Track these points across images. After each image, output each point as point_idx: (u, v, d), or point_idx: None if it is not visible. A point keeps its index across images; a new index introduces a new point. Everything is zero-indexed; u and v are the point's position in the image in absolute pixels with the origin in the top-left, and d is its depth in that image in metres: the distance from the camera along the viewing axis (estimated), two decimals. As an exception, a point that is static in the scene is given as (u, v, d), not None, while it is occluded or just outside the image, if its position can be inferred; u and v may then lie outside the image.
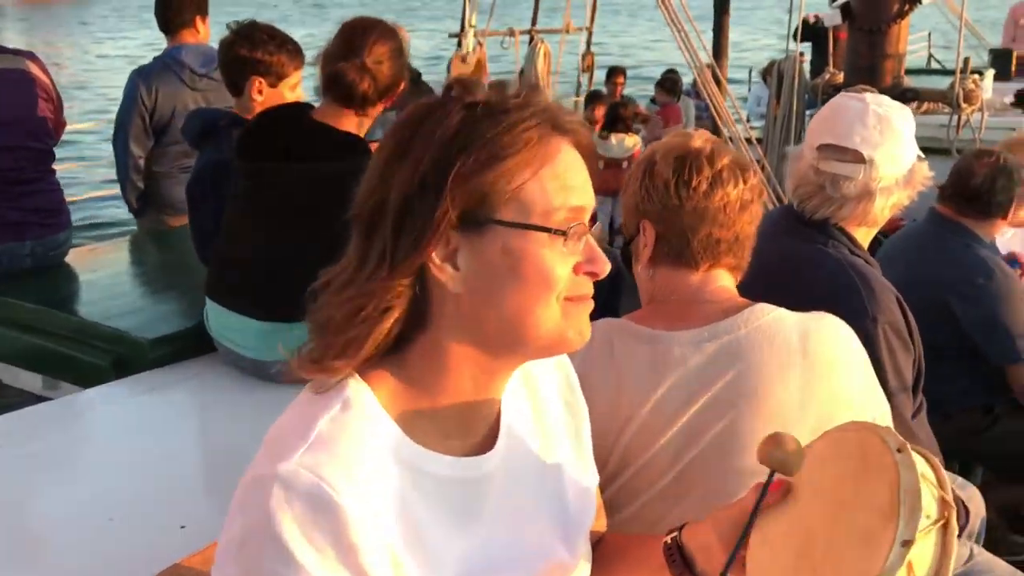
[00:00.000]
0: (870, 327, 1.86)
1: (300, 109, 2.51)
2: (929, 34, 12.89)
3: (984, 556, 2.15)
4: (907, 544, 0.90)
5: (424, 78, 5.98)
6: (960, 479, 2.58)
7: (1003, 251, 3.35)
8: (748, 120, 9.79)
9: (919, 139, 6.35)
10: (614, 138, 7.40)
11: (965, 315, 2.82)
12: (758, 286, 1.95)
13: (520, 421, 1.10)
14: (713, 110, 5.48)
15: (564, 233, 0.94)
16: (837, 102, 2.04)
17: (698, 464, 1.47)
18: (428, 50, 16.28)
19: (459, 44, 7.18)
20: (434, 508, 0.97)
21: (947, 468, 2.86)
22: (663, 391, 1.48)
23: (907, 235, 3.14)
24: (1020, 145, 3.43)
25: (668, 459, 1.49)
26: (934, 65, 13.83)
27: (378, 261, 0.94)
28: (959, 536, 2.14)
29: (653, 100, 8.68)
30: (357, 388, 0.96)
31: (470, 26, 7.14)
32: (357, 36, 2.37)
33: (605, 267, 0.98)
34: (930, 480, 0.97)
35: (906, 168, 1.97)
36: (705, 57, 5.46)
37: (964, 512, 2.16)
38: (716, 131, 5.69)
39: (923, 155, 2.02)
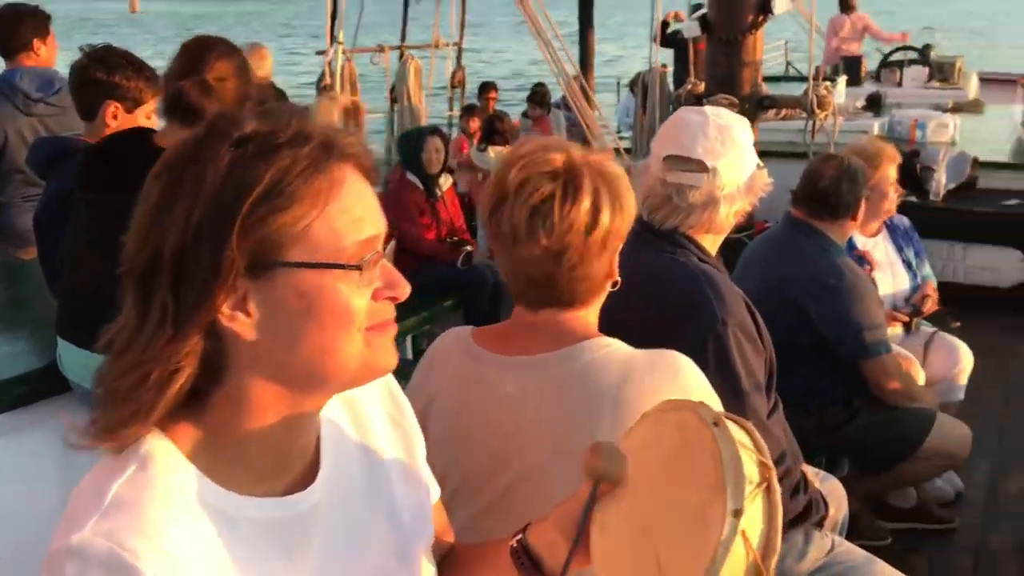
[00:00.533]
0: (721, 330, 1.91)
1: (142, 134, 2.42)
2: (786, 43, 13.50)
3: (845, 546, 2.23)
4: (738, 514, 0.92)
5: (298, 99, 5.88)
6: (823, 473, 2.69)
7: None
8: (619, 130, 10.07)
9: (778, 144, 6.61)
10: (492, 151, 7.44)
11: (818, 314, 2.93)
12: (618, 299, 1.99)
13: (343, 447, 1.07)
14: (582, 122, 5.57)
15: (359, 267, 0.91)
16: (679, 116, 2.10)
17: (517, 487, 1.46)
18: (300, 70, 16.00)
19: (327, 62, 7.08)
20: (255, 552, 0.93)
21: (813, 462, 2.99)
22: (471, 411, 1.49)
23: (766, 238, 3.26)
24: (864, 151, 3.61)
25: (482, 479, 1.48)
26: (792, 72, 14.50)
27: (159, 321, 0.87)
28: (820, 528, 2.24)
29: (525, 114, 8.77)
30: (157, 443, 0.91)
31: (337, 43, 7.05)
32: (198, 54, 2.31)
33: (405, 290, 0.95)
34: (748, 447, 0.99)
35: (747, 176, 2.03)
36: (572, 70, 5.54)
37: (824, 505, 2.24)
38: (586, 142, 5.81)
39: (762, 163, 2.09)
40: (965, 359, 3.78)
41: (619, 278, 1.56)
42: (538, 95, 8.63)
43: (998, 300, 6.16)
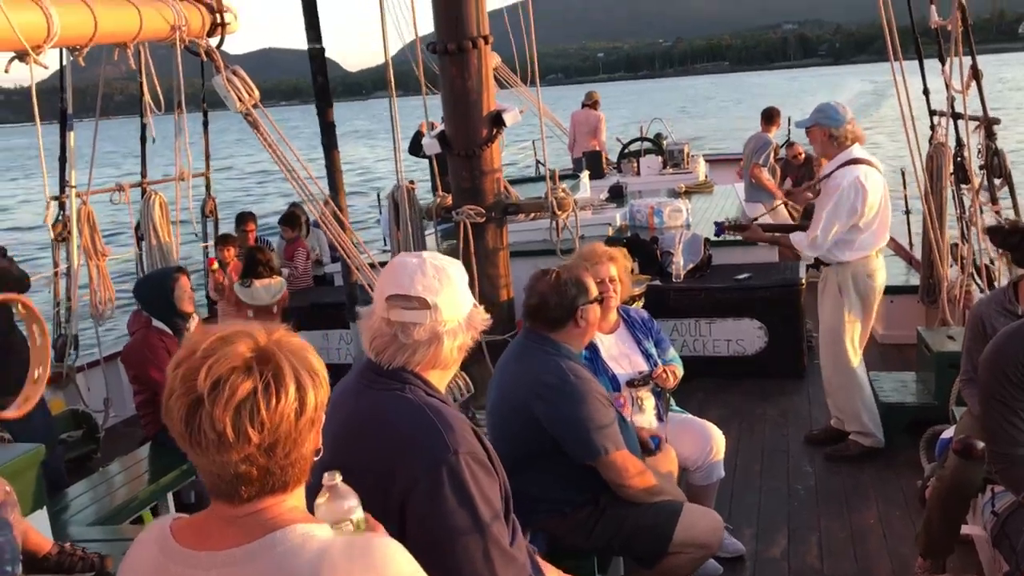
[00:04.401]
0: (453, 460, 1.94)
1: None
2: (533, 142, 14.28)
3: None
4: None
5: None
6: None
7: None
8: (385, 241, 10.14)
9: (531, 243, 6.86)
10: (259, 284, 7.26)
11: (545, 417, 3.01)
12: (344, 443, 1.97)
13: None
14: (336, 245, 5.55)
15: None
16: (397, 260, 2.16)
17: None
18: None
19: (61, 206, 6.68)
20: None
21: (584, 567, 3.03)
22: None
23: (509, 348, 3.35)
24: (588, 255, 3.84)
25: None
26: (542, 171, 15.27)
27: None
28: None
29: (283, 236, 8.66)
30: None
31: (71, 187, 6.69)
32: None
33: None
34: None
35: (466, 312, 2.13)
36: (320, 193, 5.54)
37: None
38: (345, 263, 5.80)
39: (478, 303, 2.18)
40: (716, 439, 4.00)
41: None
42: (292, 217, 8.56)
43: (746, 367, 6.67)
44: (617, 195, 10.03)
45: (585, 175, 11.14)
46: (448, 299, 2.07)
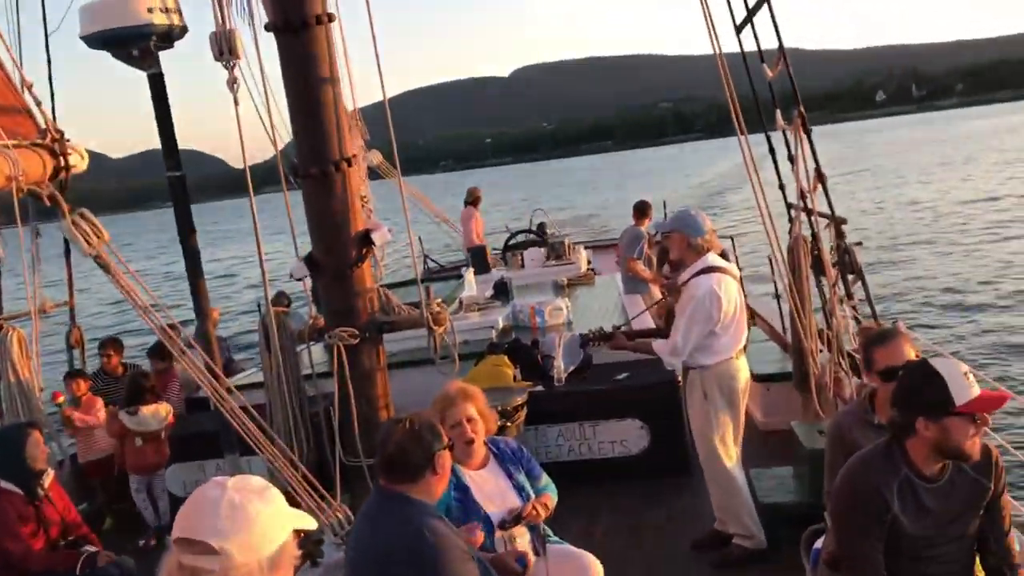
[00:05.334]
0: None
1: None
2: (420, 238, 14.30)
3: None
4: None
5: None
6: None
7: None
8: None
9: (410, 351, 6.74)
10: (145, 410, 7.03)
11: None
12: None
13: None
14: (204, 386, 5.32)
15: None
16: (198, 493, 1.98)
17: None
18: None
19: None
20: None
21: None
22: None
23: (366, 507, 3.22)
24: (442, 398, 3.79)
25: None
26: (430, 264, 15.33)
27: None
28: None
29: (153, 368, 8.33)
30: None
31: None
32: None
33: None
34: None
35: (272, 549, 1.93)
36: (164, 320, 5.33)
37: None
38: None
39: (304, 530, 2.01)
40: (594, 568, 3.93)
41: None
42: (161, 349, 8.25)
43: (631, 468, 6.66)
44: (502, 291, 10.06)
45: (470, 272, 11.19)
46: (243, 541, 1.88)
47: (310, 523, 2.03)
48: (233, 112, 5.52)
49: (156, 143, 6.37)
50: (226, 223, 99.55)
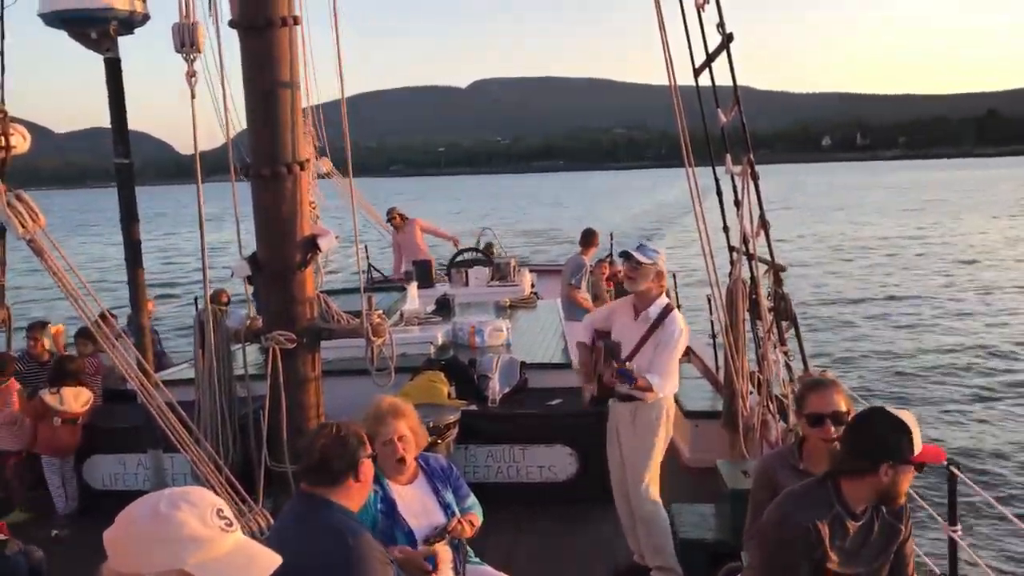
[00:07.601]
0: None
1: None
2: (366, 246, 14.18)
3: None
4: None
5: None
6: None
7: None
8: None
9: (347, 360, 6.68)
10: (68, 392, 6.89)
11: None
12: None
13: None
14: (130, 380, 5.23)
15: None
16: (122, 514, 1.79)
17: None
18: None
19: None
20: None
21: None
22: None
23: (285, 512, 3.21)
24: (373, 412, 3.79)
25: None
26: (375, 275, 15.23)
27: None
28: None
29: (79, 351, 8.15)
30: None
31: None
32: None
33: None
34: None
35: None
36: (95, 310, 5.24)
37: None
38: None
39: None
40: None
41: None
42: (90, 332, 8.06)
43: (558, 494, 6.70)
44: (444, 307, 10.05)
45: (413, 286, 11.15)
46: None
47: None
48: (188, 102, 5.47)
49: (103, 122, 6.25)
50: (179, 210, 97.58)
